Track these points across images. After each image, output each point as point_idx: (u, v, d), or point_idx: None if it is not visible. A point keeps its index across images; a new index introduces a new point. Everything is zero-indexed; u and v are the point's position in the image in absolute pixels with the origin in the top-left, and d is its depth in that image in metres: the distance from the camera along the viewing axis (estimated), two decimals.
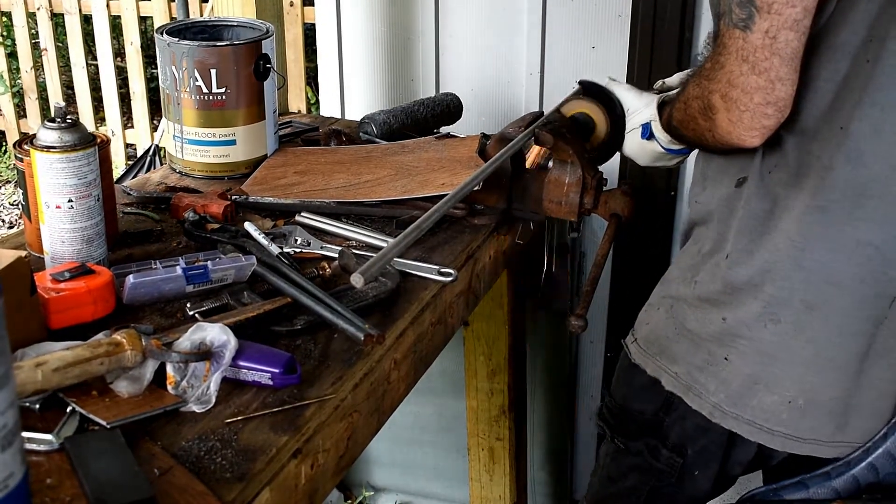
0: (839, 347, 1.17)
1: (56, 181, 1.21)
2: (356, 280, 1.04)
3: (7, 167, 4.99)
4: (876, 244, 1.12)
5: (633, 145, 1.45)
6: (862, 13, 1.07)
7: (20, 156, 1.28)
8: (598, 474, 1.47)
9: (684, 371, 1.27)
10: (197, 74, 1.58)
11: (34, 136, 1.23)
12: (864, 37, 1.07)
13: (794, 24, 1.03)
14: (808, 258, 1.15)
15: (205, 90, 1.60)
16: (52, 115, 1.22)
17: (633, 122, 1.44)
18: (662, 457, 1.32)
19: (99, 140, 1.29)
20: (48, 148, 1.21)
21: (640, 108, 1.42)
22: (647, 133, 1.41)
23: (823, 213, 1.13)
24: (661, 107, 1.39)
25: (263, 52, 1.63)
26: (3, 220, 4.50)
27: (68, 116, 1.23)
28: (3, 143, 5.18)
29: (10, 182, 4.84)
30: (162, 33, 1.63)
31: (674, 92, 1.40)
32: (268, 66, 1.64)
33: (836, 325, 1.16)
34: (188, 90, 1.60)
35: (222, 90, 1.60)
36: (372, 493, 2.51)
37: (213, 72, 1.58)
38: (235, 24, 1.74)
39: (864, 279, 1.14)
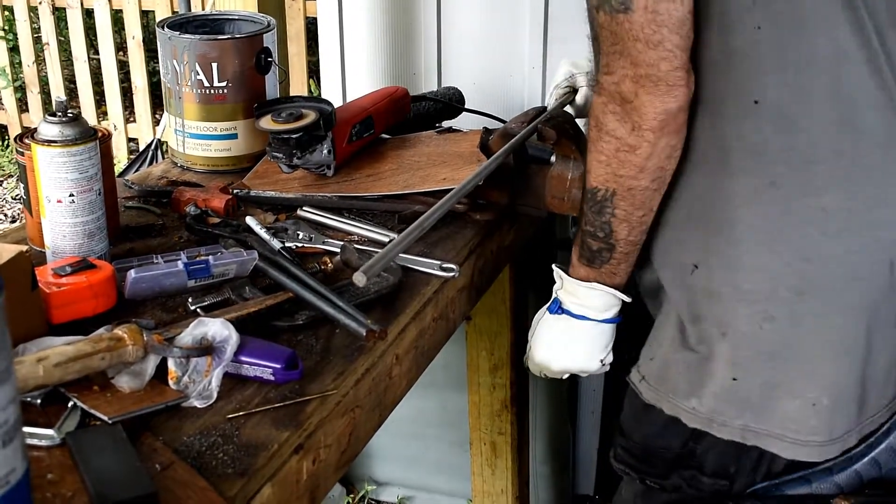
0: (843, 329, 1.10)
1: (57, 175, 1.21)
2: (358, 279, 1.04)
3: (9, 161, 4.99)
4: (847, 208, 1.06)
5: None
6: None
7: (21, 150, 1.28)
8: None
9: (701, 403, 1.18)
10: (198, 68, 1.58)
11: (35, 130, 1.23)
12: (747, 4, 1.05)
13: None
14: (778, 240, 1.09)
15: (206, 84, 1.59)
16: (54, 109, 1.22)
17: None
18: (705, 485, 1.23)
19: (100, 134, 1.28)
20: (49, 142, 1.20)
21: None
22: (556, 307, 1.30)
23: (775, 188, 1.07)
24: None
25: (265, 45, 1.62)
26: (6, 215, 4.50)
27: (69, 111, 1.22)
28: (6, 137, 5.17)
29: (12, 176, 4.84)
30: (163, 27, 1.63)
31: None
32: (269, 59, 1.63)
33: (835, 305, 1.10)
34: (189, 84, 1.60)
35: (223, 84, 1.60)
36: (374, 487, 2.51)
37: (215, 65, 1.58)
38: (237, 17, 1.74)
39: (848, 249, 1.07)
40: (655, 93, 1.07)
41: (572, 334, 1.31)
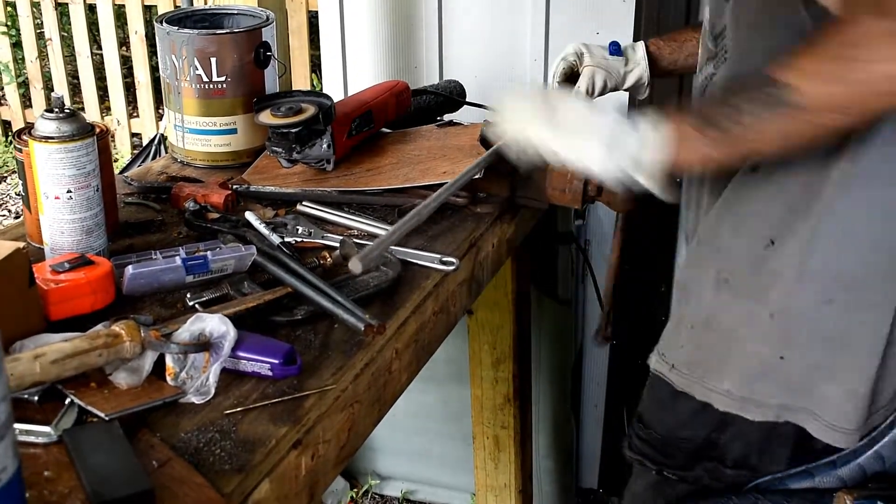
0: (888, 322, 1.11)
1: (55, 172, 1.21)
2: (354, 266, 1.04)
3: (13, 157, 5.00)
4: None
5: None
6: None
7: (19, 146, 1.28)
8: None
9: (737, 385, 1.18)
10: (197, 63, 1.58)
11: (32, 126, 1.23)
12: None
13: None
14: (855, 227, 1.09)
15: (205, 79, 1.59)
16: (51, 105, 1.22)
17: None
18: (727, 476, 1.23)
19: (98, 130, 1.28)
20: (46, 138, 1.20)
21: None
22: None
23: (863, 178, 1.06)
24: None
25: (264, 39, 1.61)
26: (10, 211, 4.50)
27: (66, 107, 1.22)
28: (9, 133, 5.18)
29: (16, 172, 4.85)
30: (162, 22, 1.62)
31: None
32: (268, 53, 1.63)
33: (889, 297, 1.10)
34: (188, 79, 1.59)
35: (223, 78, 1.59)
36: (378, 481, 2.51)
37: (214, 60, 1.57)
38: (236, 12, 1.73)
39: None
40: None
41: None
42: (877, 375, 1.14)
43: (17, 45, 5.09)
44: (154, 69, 4.58)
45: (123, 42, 4.85)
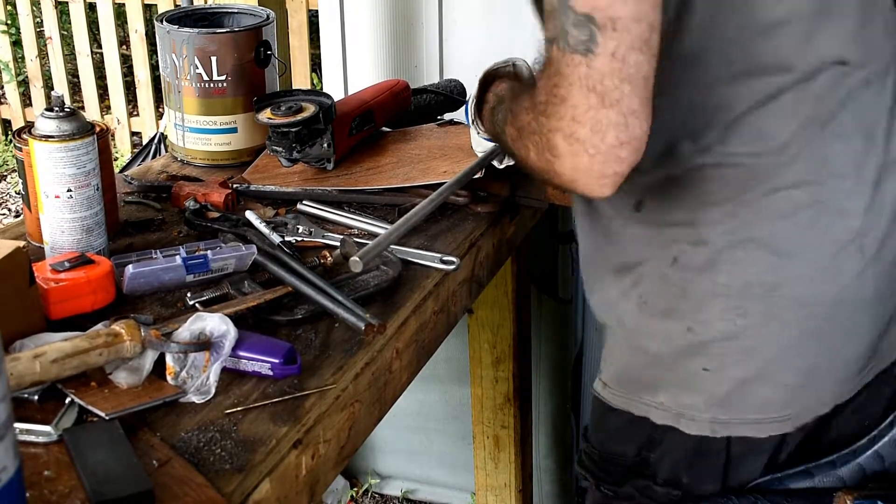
0: (816, 318, 1.08)
1: (55, 171, 1.21)
2: (354, 264, 1.04)
3: (13, 156, 5.00)
4: (817, 200, 1.03)
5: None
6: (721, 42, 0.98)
7: (19, 145, 1.28)
8: None
9: (670, 398, 1.15)
10: (197, 62, 1.57)
11: (32, 125, 1.23)
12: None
13: (642, 44, 0.87)
14: (750, 239, 1.05)
15: (205, 78, 1.59)
16: (51, 104, 1.22)
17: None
18: (658, 494, 1.20)
19: (98, 129, 1.28)
20: (46, 137, 1.20)
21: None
22: (468, 115, 1.25)
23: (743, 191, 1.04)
24: (484, 86, 1.17)
25: (264, 38, 1.61)
26: (10, 209, 4.50)
27: (66, 106, 1.22)
28: (9, 132, 5.18)
29: (16, 171, 4.85)
30: (162, 21, 1.62)
31: (502, 66, 1.18)
32: (268, 52, 1.63)
33: (809, 297, 1.07)
34: (189, 78, 1.59)
35: (223, 77, 1.59)
36: (378, 480, 2.51)
37: (214, 59, 1.57)
38: (236, 10, 1.73)
39: (812, 242, 1.04)
40: (584, 171, 0.91)
41: None
42: (819, 366, 1.11)
43: (16, 44, 5.09)
44: (154, 68, 4.58)
45: (123, 41, 4.84)
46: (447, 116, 1.89)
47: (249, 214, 1.40)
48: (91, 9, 4.66)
